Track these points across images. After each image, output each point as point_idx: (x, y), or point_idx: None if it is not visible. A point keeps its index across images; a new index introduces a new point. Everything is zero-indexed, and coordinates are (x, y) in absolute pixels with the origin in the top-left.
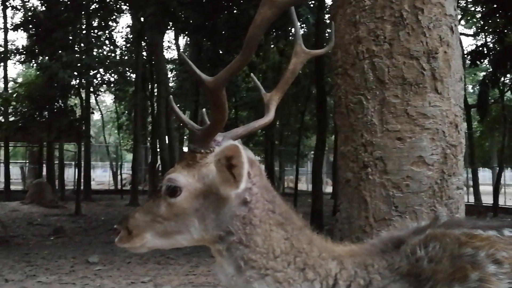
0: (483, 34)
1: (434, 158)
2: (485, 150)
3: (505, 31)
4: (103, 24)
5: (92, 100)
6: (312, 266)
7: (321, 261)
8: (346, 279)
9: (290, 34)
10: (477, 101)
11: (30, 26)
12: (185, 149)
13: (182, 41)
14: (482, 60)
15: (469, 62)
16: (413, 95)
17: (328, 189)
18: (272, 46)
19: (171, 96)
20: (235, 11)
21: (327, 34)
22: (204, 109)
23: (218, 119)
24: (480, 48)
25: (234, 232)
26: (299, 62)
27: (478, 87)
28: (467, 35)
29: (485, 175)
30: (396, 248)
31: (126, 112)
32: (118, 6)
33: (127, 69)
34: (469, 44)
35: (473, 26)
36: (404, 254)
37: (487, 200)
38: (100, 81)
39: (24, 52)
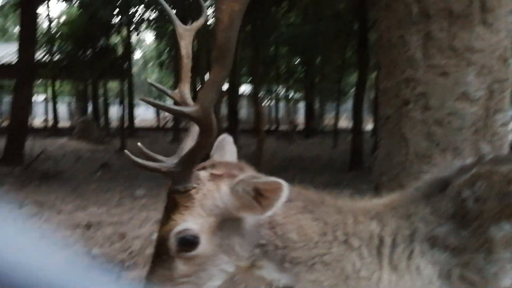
0: None
1: (479, 94)
2: None
3: None
4: None
5: (133, 38)
6: (353, 234)
7: (360, 225)
8: (391, 234)
9: None
10: None
11: None
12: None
13: None
14: None
15: None
16: (460, 28)
17: (369, 127)
18: None
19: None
20: None
21: None
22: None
23: (204, 144)
24: None
25: (267, 241)
26: (188, 42)
27: None
28: None
29: None
30: (442, 191)
31: (167, 49)
32: None
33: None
34: None
35: None
36: (449, 196)
37: None
38: (140, 19)
39: None
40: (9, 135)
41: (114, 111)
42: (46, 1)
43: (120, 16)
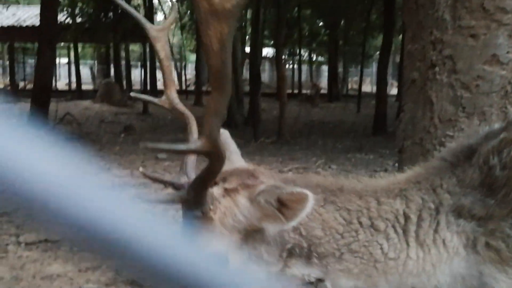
0: None
1: (510, 57)
2: None
3: None
4: None
5: (155, 0)
6: (377, 217)
7: (384, 206)
8: (416, 210)
9: None
10: None
11: None
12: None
13: None
14: None
15: None
16: None
17: (393, 91)
18: None
19: None
20: None
21: None
22: None
23: (215, 171)
24: None
25: (293, 243)
26: (164, 43)
27: None
28: None
29: None
30: (468, 159)
31: (189, 12)
32: None
33: None
34: None
35: None
36: (476, 165)
37: None
38: None
39: None
40: (33, 97)
41: (137, 74)
42: None
43: None
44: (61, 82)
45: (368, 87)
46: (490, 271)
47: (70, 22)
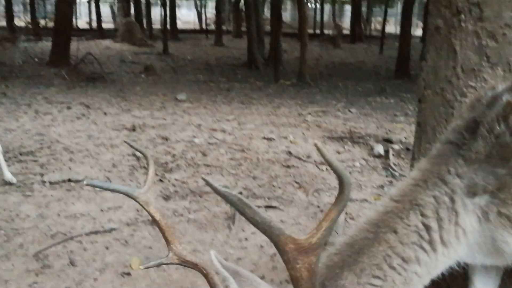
0: None
1: None
2: None
3: None
4: None
5: None
6: (403, 249)
7: (403, 232)
8: (433, 214)
9: None
10: None
11: None
12: None
13: None
14: None
15: None
16: None
17: (418, 32)
18: None
19: None
20: None
21: None
22: None
23: None
24: None
25: None
26: (155, 204)
27: None
28: None
29: None
30: (473, 133)
31: None
32: None
33: None
34: None
35: None
36: (481, 137)
37: None
38: None
39: None
40: (55, 36)
41: (157, 13)
42: None
43: None
44: (81, 21)
45: (392, 27)
46: (503, 236)
47: None
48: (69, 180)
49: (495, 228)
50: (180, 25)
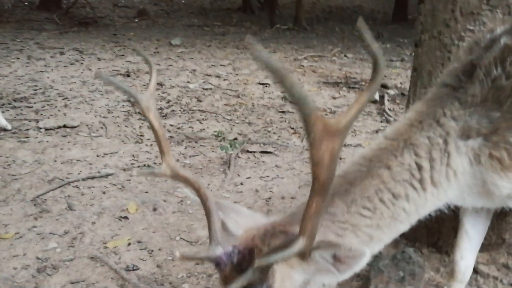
0: None
1: None
2: None
3: None
4: None
5: None
6: (394, 185)
7: (396, 169)
8: (426, 154)
9: None
10: None
11: None
12: None
13: None
14: None
15: None
16: None
17: None
18: None
19: None
20: None
21: None
22: None
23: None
24: None
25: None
26: (155, 111)
27: None
28: None
29: None
30: (469, 76)
31: None
32: None
33: None
34: None
35: None
36: (477, 80)
37: None
38: None
39: None
40: None
41: None
42: None
43: None
44: None
45: None
46: (493, 179)
47: None
48: (65, 126)
49: (486, 170)
50: None
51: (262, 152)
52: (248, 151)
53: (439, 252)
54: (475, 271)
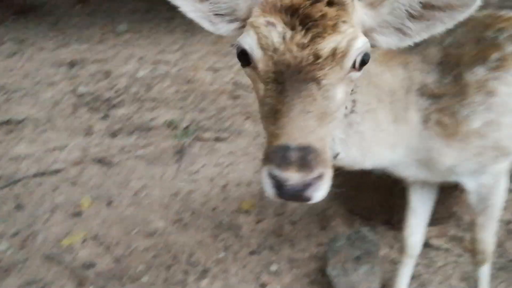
0: None
1: None
2: None
3: None
4: None
5: None
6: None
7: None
8: (400, 86)
9: None
10: None
11: None
12: None
13: None
14: None
15: None
16: None
17: None
18: None
19: None
20: None
21: None
22: None
23: None
24: None
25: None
26: None
27: None
28: None
29: None
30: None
31: None
32: None
33: None
34: None
35: None
36: (435, 43)
37: None
38: None
39: None
40: None
41: None
42: None
43: None
44: None
45: None
46: (437, 145)
47: None
48: (8, 122)
49: (431, 137)
50: None
51: (216, 139)
52: (201, 139)
53: (393, 229)
54: (427, 245)
